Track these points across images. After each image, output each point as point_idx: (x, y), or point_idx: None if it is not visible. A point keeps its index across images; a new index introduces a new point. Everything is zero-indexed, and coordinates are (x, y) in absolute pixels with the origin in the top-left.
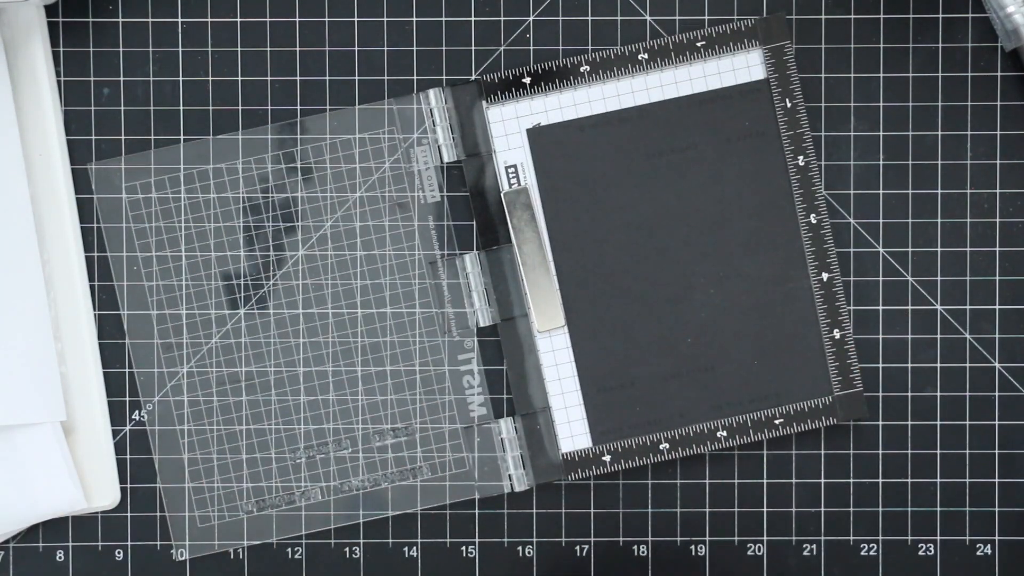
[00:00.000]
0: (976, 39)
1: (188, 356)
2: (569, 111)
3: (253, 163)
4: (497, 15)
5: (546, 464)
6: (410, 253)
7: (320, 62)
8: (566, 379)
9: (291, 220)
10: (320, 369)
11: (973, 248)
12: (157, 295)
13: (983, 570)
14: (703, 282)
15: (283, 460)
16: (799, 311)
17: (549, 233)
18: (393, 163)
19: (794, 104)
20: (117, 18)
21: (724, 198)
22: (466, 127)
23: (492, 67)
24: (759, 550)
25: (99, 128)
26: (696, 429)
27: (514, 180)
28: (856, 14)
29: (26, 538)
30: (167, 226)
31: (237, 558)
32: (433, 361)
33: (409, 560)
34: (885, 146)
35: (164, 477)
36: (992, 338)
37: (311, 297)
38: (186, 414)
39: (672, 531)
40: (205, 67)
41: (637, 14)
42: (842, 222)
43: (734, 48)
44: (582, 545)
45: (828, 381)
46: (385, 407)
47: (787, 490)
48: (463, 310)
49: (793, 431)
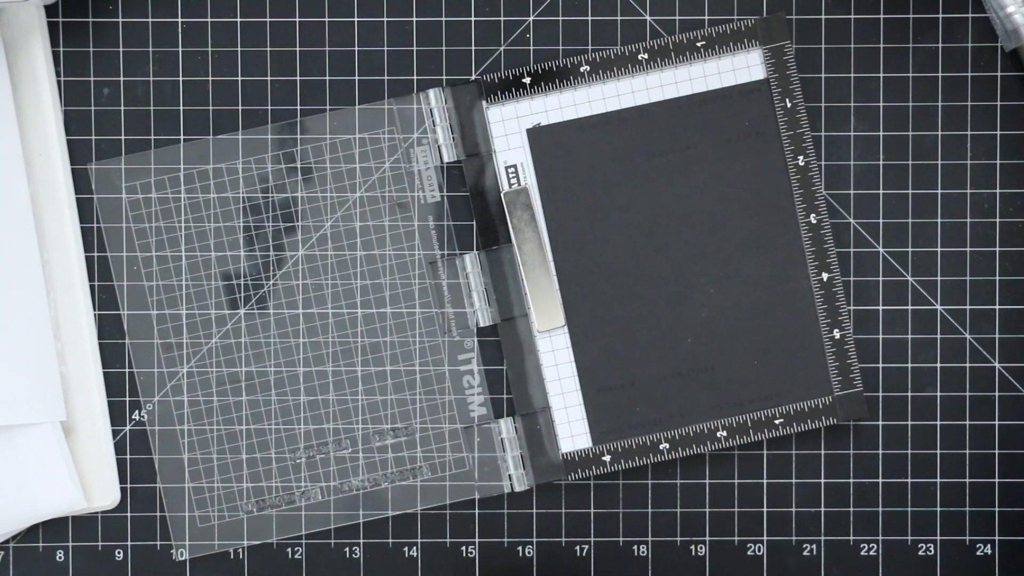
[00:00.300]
0: (976, 39)
1: (188, 356)
2: (569, 111)
3: (253, 163)
4: (497, 15)
5: (546, 464)
6: (410, 253)
7: (320, 62)
8: (566, 379)
9: (291, 220)
10: (320, 369)
11: (973, 248)
12: (157, 295)
13: (983, 570)
14: (703, 282)
15: (283, 460)
16: (799, 311)
17: (549, 233)
18: (393, 163)
19: (794, 104)
20: (117, 18)
21: (724, 198)
22: (466, 127)
23: (492, 67)
24: (759, 550)
25: (99, 128)
26: (696, 429)
27: (514, 180)
28: (856, 14)
29: (26, 538)
30: (167, 226)
31: (237, 558)
32: (433, 361)
33: (409, 560)
34: (885, 146)
35: (164, 477)
36: (992, 338)
37: (311, 297)
38: (186, 414)
39: (672, 531)
40: (205, 67)
41: (637, 14)
42: (842, 222)
43: (734, 48)
44: (582, 545)
45: (828, 381)
46: (385, 407)
47: (787, 490)
48: (463, 310)
49: (793, 431)
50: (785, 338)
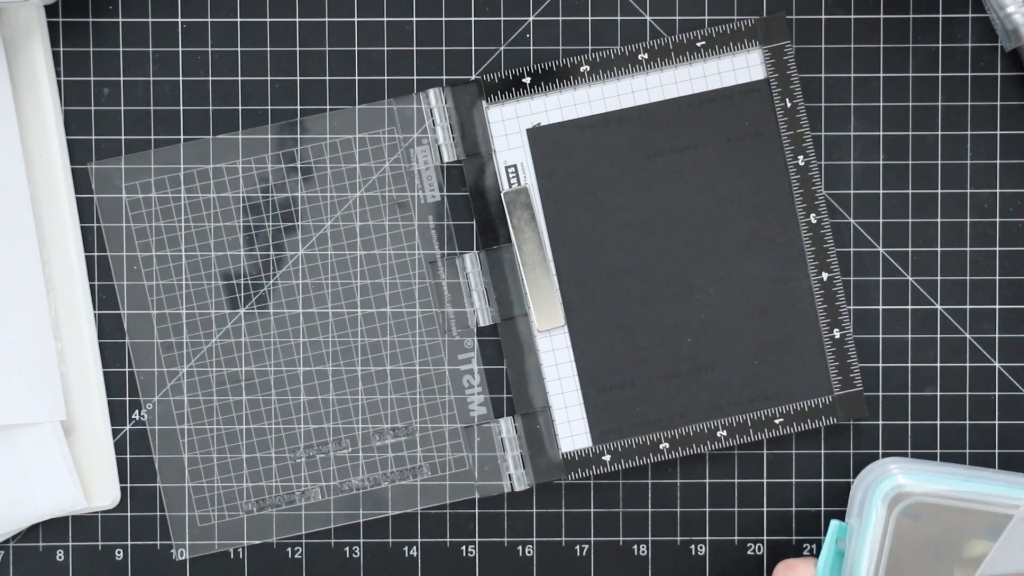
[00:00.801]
0: (976, 39)
1: (188, 356)
2: (569, 111)
3: (253, 163)
4: (497, 15)
5: (546, 464)
6: (410, 253)
7: (320, 62)
8: (566, 379)
9: (291, 220)
10: (320, 369)
11: (973, 248)
12: (157, 295)
13: None
14: (703, 282)
15: (283, 460)
16: (799, 311)
17: (549, 233)
18: (393, 163)
19: (794, 104)
20: (117, 18)
21: (724, 198)
22: (466, 127)
23: (492, 67)
24: (759, 550)
25: (99, 128)
26: (696, 429)
27: (514, 180)
28: (856, 14)
29: (26, 538)
30: (167, 226)
31: (237, 558)
32: (433, 361)
33: (409, 560)
34: (885, 146)
35: (164, 477)
36: (992, 338)
37: (311, 297)
38: (186, 414)
39: (672, 531)
40: (205, 67)
41: (637, 14)
42: (842, 222)
43: (734, 48)
44: (582, 545)
45: (828, 381)
46: (385, 407)
47: (787, 490)
48: (463, 310)
49: (793, 431)
50: (785, 338)
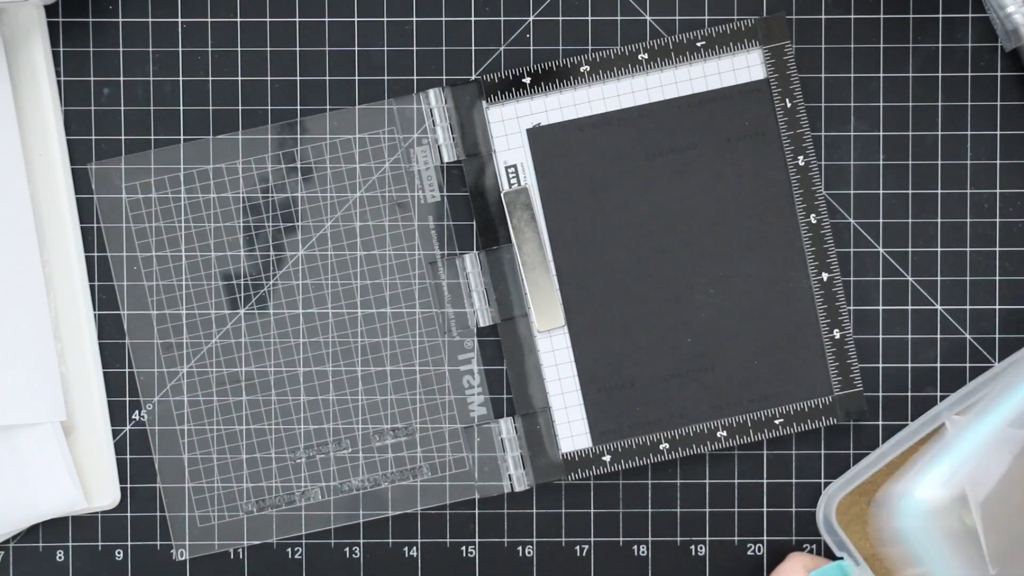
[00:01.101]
0: (976, 39)
1: (188, 356)
2: (569, 111)
3: (253, 163)
4: (497, 15)
5: (546, 464)
6: (410, 253)
7: (320, 62)
8: (566, 379)
9: (291, 220)
10: (320, 369)
11: (973, 248)
12: (157, 295)
13: None
14: (703, 282)
15: (283, 460)
16: (799, 311)
17: (549, 233)
18: (393, 163)
19: (794, 104)
20: (117, 18)
21: (724, 198)
22: (466, 127)
23: (492, 67)
24: (759, 550)
25: (99, 128)
26: (696, 429)
27: (514, 180)
28: (856, 14)
29: (26, 538)
30: (167, 226)
31: (237, 558)
32: (433, 361)
33: (409, 560)
34: (885, 146)
35: (164, 477)
36: (992, 338)
37: (311, 297)
38: (186, 414)
39: (672, 531)
40: (205, 67)
41: (637, 14)
42: (842, 222)
43: (734, 48)
44: (582, 545)
45: (828, 381)
46: (385, 407)
47: (787, 490)
48: (463, 310)
49: (793, 431)
50: (785, 338)
